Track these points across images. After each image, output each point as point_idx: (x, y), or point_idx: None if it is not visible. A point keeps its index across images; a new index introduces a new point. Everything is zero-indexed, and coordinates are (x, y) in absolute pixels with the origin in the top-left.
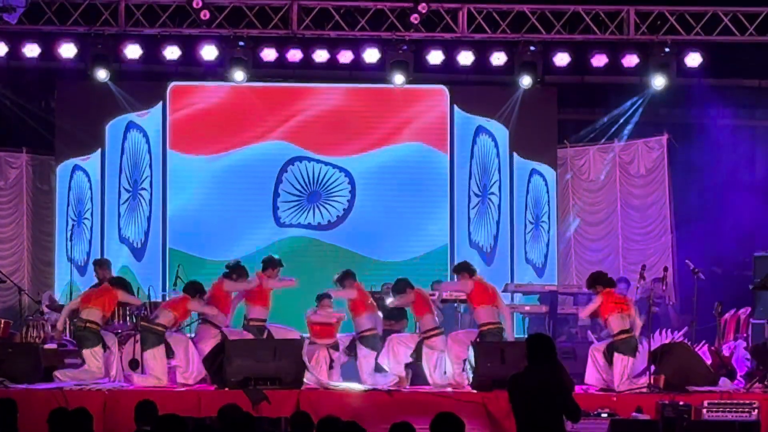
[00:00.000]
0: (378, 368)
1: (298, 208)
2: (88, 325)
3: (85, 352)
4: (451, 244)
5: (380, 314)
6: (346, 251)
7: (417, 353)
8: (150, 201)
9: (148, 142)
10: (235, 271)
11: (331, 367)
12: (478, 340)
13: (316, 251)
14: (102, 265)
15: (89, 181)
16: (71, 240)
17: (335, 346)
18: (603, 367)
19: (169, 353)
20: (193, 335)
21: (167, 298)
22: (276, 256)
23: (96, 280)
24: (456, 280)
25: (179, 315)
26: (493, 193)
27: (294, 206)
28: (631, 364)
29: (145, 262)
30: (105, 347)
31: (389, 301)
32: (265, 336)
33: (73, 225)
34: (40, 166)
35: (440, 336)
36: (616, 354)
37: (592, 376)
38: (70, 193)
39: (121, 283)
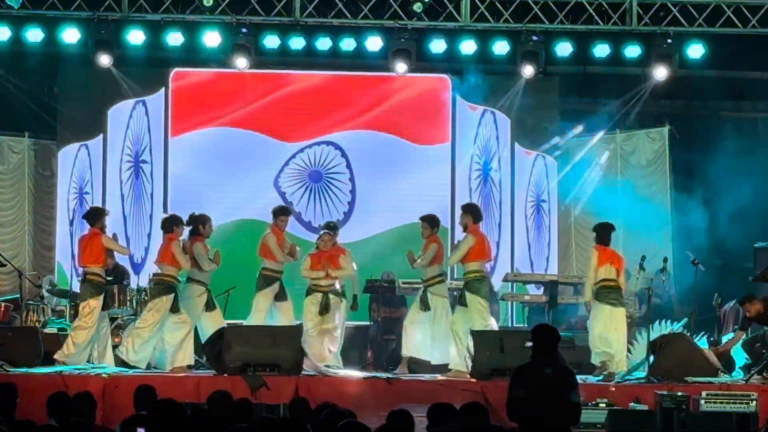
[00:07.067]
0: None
1: (299, 184)
2: (87, 276)
3: (81, 305)
4: (451, 231)
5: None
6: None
7: (424, 303)
8: (152, 193)
9: (149, 123)
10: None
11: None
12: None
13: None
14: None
15: (89, 157)
16: (72, 224)
17: (335, 292)
18: None
19: (174, 308)
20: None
21: None
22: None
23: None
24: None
25: (171, 261)
26: (492, 168)
27: (296, 181)
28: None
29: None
30: (106, 304)
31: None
32: (278, 287)
33: (74, 207)
34: (42, 151)
35: (443, 283)
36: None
37: None
38: (73, 169)
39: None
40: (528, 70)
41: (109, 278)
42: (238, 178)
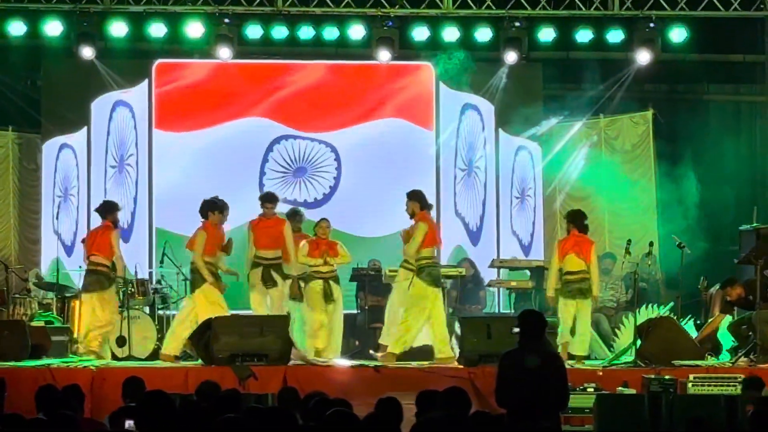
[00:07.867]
0: None
1: (283, 182)
2: (98, 268)
3: (94, 296)
4: (437, 216)
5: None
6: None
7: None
8: (136, 180)
9: (134, 117)
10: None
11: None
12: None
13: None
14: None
15: (75, 158)
16: (57, 218)
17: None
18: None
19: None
20: None
21: (154, 276)
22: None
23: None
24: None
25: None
26: (478, 167)
27: (279, 181)
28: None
29: (131, 244)
30: (119, 295)
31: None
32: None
33: (59, 203)
34: (26, 144)
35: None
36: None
37: None
38: (56, 170)
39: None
40: (511, 57)
41: None
42: (224, 180)
